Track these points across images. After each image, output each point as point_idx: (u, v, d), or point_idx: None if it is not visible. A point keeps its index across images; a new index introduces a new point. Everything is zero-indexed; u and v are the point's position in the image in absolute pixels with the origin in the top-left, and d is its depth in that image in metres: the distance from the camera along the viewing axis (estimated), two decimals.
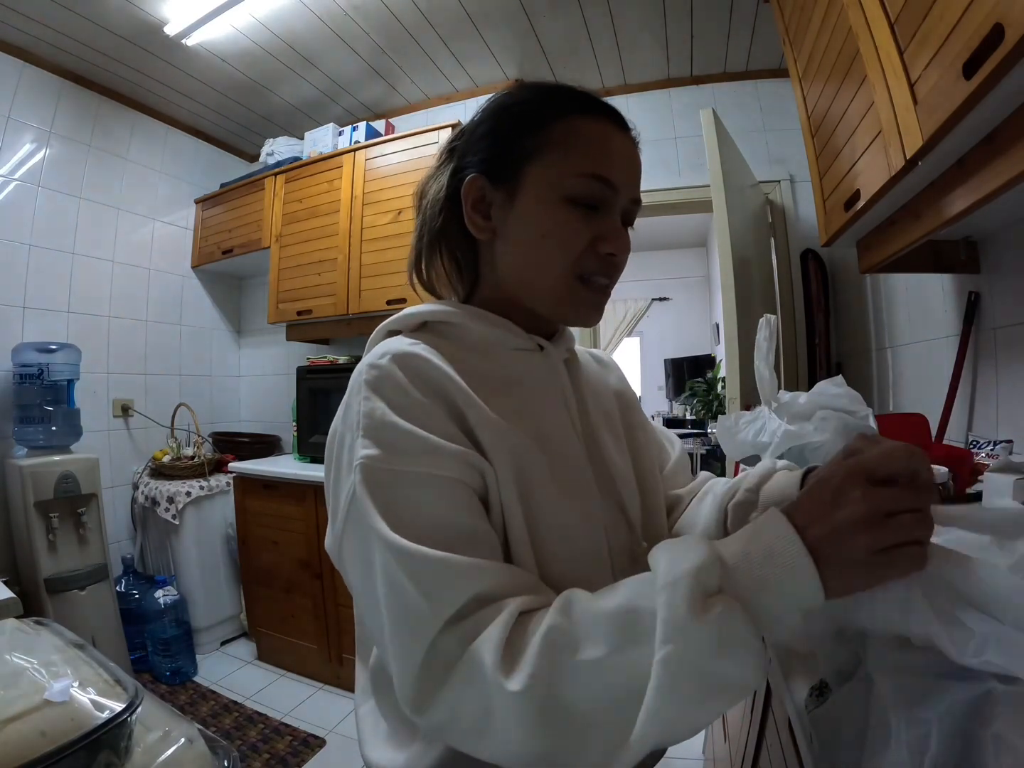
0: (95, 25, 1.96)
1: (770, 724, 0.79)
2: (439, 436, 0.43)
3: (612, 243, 0.51)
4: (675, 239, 5.43)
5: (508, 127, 0.53)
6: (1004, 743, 0.32)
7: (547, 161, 0.51)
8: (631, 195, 0.53)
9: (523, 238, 0.52)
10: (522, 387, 0.54)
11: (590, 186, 0.50)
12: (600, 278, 0.53)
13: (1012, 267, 1.08)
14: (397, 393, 0.45)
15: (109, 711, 0.64)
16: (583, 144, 0.50)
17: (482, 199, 0.54)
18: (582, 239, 0.51)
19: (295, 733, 1.78)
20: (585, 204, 0.50)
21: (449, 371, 0.47)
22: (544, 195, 0.51)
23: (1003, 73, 0.57)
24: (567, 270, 0.51)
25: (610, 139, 0.52)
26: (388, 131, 2.55)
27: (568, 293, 0.52)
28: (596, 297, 0.54)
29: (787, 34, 1.40)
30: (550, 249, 0.51)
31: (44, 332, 2.13)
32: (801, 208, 2.20)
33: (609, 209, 0.52)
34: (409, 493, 0.41)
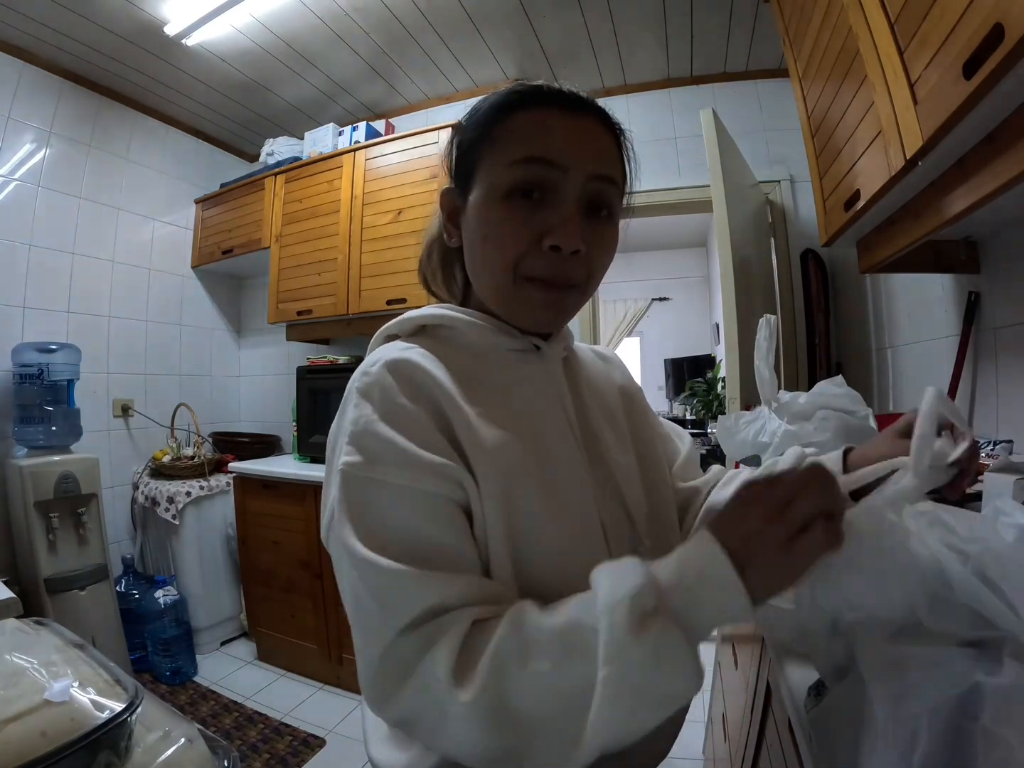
0: (95, 25, 1.96)
1: (770, 724, 0.79)
2: (421, 445, 0.43)
3: (556, 234, 0.47)
4: (675, 239, 5.43)
5: (462, 137, 0.54)
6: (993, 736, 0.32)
7: (487, 161, 0.50)
8: (589, 170, 0.48)
9: (471, 242, 0.53)
10: (518, 388, 0.53)
11: (526, 171, 0.47)
12: (535, 275, 0.49)
13: (1012, 267, 1.08)
14: (384, 400, 0.45)
15: (109, 711, 0.64)
16: (517, 133, 0.49)
17: (454, 209, 0.55)
18: (521, 236, 0.48)
19: (295, 733, 1.78)
20: (527, 193, 0.47)
21: (439, 377, 0.47)
22: (485, 195, 0.50)
23: (1003, 73, 0.57)
24: (508, 270, 0.49)
25: (548, 121, 0.48)
26: (388, 131, 2.55)
27: (512, 295, 0.50)
28: (547, 295, 0.50)
29: (787, 34, 1.40)
30: (490, 251, 0.50)
31: (44, 332, 2.13)
32: (801, 208, 2.20)
33: (556, 195, 0.48)
34: (381, 502, 0.42)
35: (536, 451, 0.49)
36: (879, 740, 0.36)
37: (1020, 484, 0.62)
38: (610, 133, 0.52)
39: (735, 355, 1.62)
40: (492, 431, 0.47)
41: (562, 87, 0.51)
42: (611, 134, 0.52)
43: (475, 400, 0.48)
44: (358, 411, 0.46)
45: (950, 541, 0.36)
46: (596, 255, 0.50)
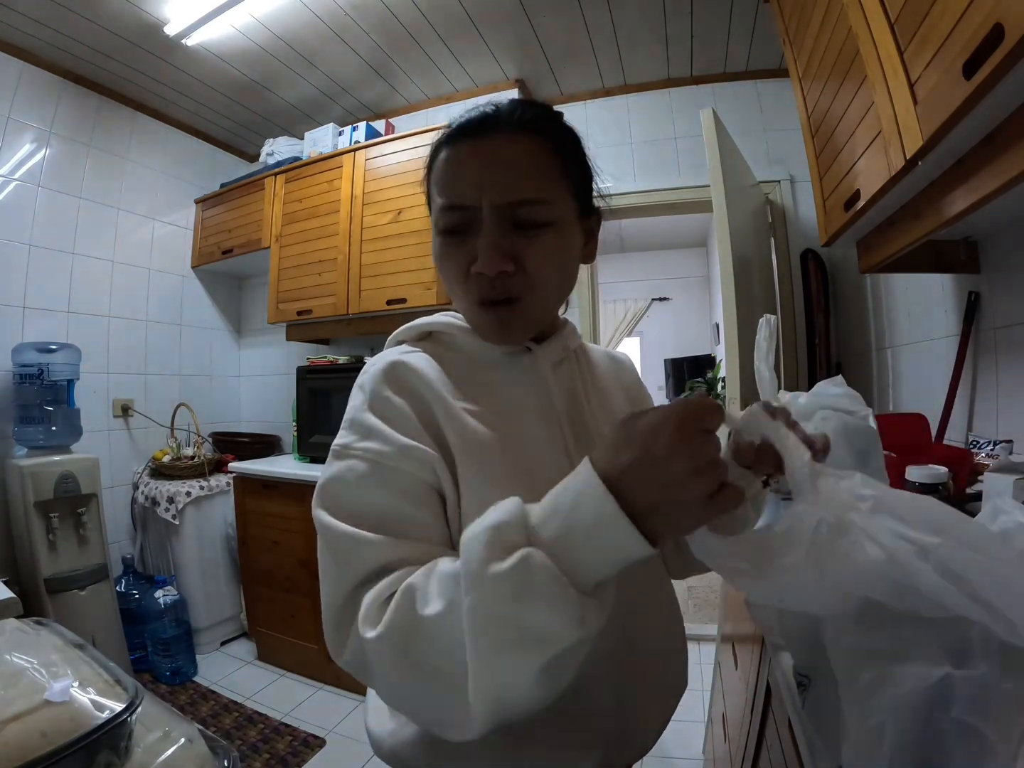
0: (95, 25, 1.96)
1: (770, 724, 0.79)
2: (401, 432, 0.48)
3: (478, 263, 0.50)
4: (675, 239, 5.43)
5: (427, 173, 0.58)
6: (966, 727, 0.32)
7: (431, 201, 0.56)
8: (497, 201, 0.50)
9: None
10: (508, 388, 0.57)
11: (448, 218, 0.52)
12: (488, 297, 0.52)
13: (1012, 267, 1.08)
14: (373, 392, 0.51)
15: (109, 711, 0.64)
16: (437, 179, 0.54)
17: None
18: (458, 267, 0.52)
19: (295, 733, 1.78)
20: (454, 232, 0.52)
21: (430, 377, 0.52)
22: (434, 231, 0.55)
23: (1003, 73, 0.57)
24: (463, 295, 0.54)
25: (458, 162, 0.52)
26: (388, 131, 2.55)
27: (470, 318, 0.56)
28: (492, 317, 0.53)
29: (787, 34, 1.40)
30: (445, 280, 0.56)
31: (44, 332, 2.13)
32: (801, 208, 2.20)
33: (476, 228, 0.51)
34: (358, 475, 0.47)
35: (516, 448, 0.53)
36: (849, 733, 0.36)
37: (1020, 484, 0.62)
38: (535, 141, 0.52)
39: (735, 355, 1.62)
40: (477, 427, 0.51)
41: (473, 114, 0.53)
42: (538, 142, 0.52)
43: (466, 398, 0.53)
44: (353, 401, 0.52)
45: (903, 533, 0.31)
46: (532, 268, 0.51)
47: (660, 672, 0.59)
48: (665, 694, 0.59)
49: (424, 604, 0.37)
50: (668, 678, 0.60)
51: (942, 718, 0.33)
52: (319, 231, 2.40)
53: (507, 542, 0.34)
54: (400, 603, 0.38)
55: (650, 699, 0.57)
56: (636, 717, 0.55)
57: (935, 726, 0.33)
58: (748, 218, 1.92)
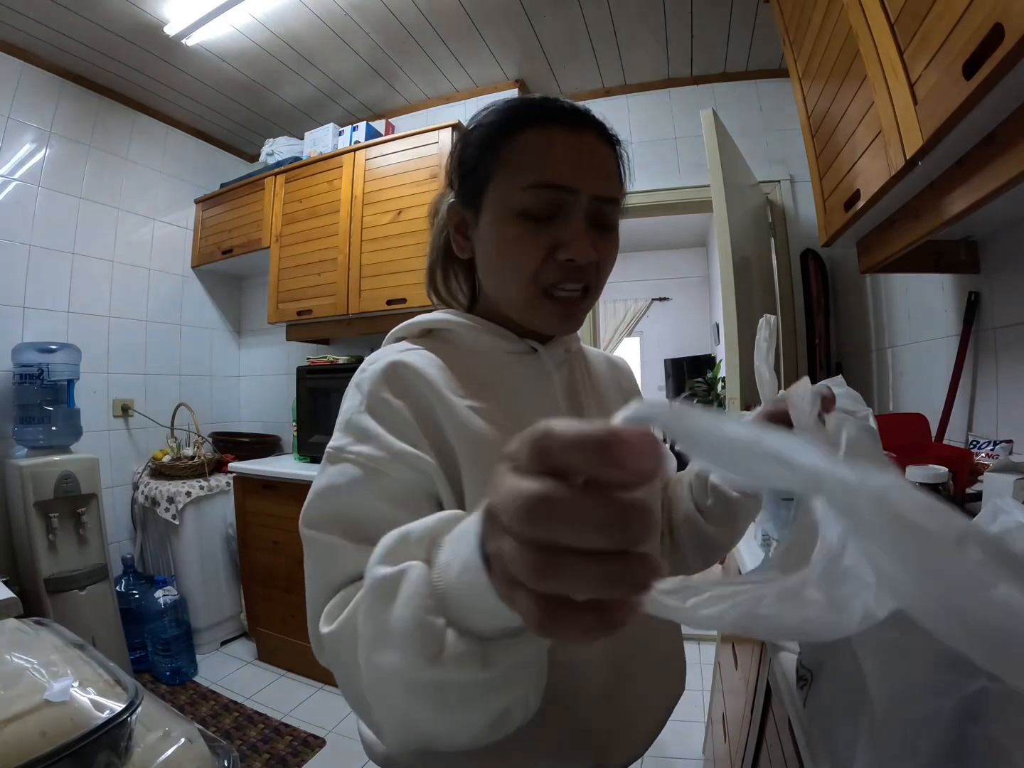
0: (95, 25, 1.96)
1: (770, 724, 0.79)
2: (397, 436, 0.47)
3: (570, 248, 0.50)
4: (675, 239, 5.43)
5: (469, 154, 0.56)
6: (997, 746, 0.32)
7: (498, 182, 0.53)
8: (594, 191, 0.51)
9: (486, 256, 0.56)
10: (511, 387, 0.57)
11: (538, 196, 0.50)
12: (566, 286, 0.53)
13: (1012, 267, 1.08)
14: (371, 394, 0.50)
15: (109, 711, 0.64)
16: (527, 157, 0.51)
17: (462, 221, 0.58)
18: (536, 251, 0.51)
19: (295, 733, 1.78)
20: (538, 216, 0.51)
21: (431, 376, 0.51)
22: (498, 214, 0.53)
23: (1003, 73, 0.57)
24: (527, 283, 0.52)
25: (555, 144, 0.51)
26: (388, 131, 2.55)
27: (530, 306, 0.54)
28: (561, 307, 0.54)
29: (787, 34, 1.40)
30: (507, 265, 0.53)
31: (44, 332, 2.13)
32: (801, 208, 2.20)
33: (568, 213, 0.51)
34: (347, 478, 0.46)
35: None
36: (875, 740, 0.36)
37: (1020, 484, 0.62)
38: (608, 147, 0.54)
39: (735, 355, 1.62)
40: (482, 425, 0.51)
41: (564, 102, 0.53)
42: (610, 147, 0.54)
43: (469, 396, 0.52)
44: (349, 402, 0.51)
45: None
46: (603, 263, 0.55)
47: (656, 676, 0.59)
48: (660, 697, 0.59)
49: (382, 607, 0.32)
50: (664, 683, 0.60)
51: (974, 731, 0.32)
52: (319, 231, 2.40)
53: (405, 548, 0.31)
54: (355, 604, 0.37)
55: (644, 703, 0.57)
56: (629, 721, 0.55)
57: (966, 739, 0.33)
58: (748, 218, 1.92)
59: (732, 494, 0.59)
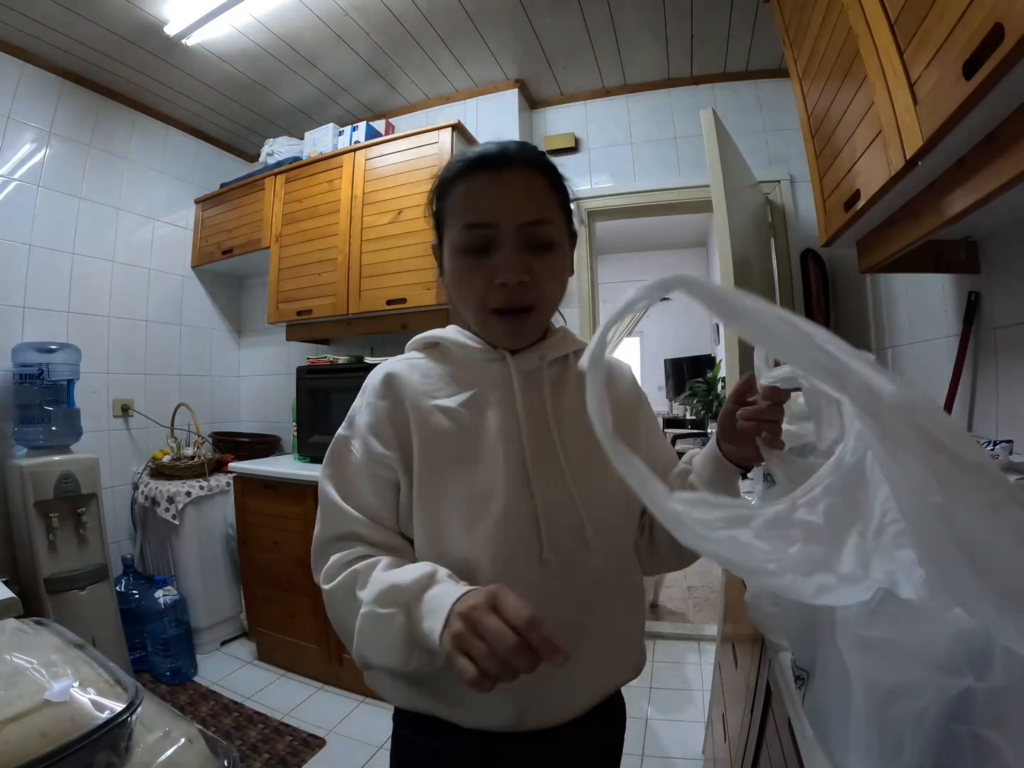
0: (95, 25, 1.96)
1: (770, 724, 0.79)
2: (375, 435, 0.63)
3: (501, 274, 0.59)
4: (675, 239, 5.43)
5: (433, 201, 0.68)
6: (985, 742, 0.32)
7: (448, 225, 0.64)
8: (515, 221, 0.60)
9: (451, 287, 0.67)
10: (479, 388, 0.66)
11: (468, 235, 0.61)
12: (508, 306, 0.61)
13: (1012, 267, 1.08)
14: (367, 396, 0.66)
15: (109, 711, 0.64)
16: (459, 204, 0.62)
17: (438, 256, 0.69)
18: (479, 280, 0.61)
19: (295, 733, 1.78)
20: (475, 250, 0.61)
21: (412, 384, 0.65)
22: (450, 252, 0.64)
23: (1003, 73, 0.57)
24: (478, 307, 0.63)
25: (477, 189, 0.61)
26: (388, 131, 2.55)
27: (483, 326, 0.65)
28: (508, 325, 0.63)
29: (787, 34, 1.40)
30: (461, 294, 0.64)
31: (44, 332, 2.13)
32: (801, 208, 2.20)
33: (496, 245, 0.60)
34: (347, 461, 0.64)
35: (470, 441, 0.63)
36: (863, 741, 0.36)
37: (1020, 484, 0.62)
38: (539, 175, 0.62)
39: (735, 355, 1.62)
40: (439, 419, 0.63)
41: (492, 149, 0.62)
42: (540, 176, 0.63)
43: (442, 396, 0.65)
44: (358, 400, 0.68)
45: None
46: (543, 280, 0.62)
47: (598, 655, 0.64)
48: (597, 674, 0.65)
49: (360, 588, 0.56)
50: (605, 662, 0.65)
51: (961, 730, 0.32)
52: (319, 231, 2.40)
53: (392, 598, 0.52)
54: (346, 578, 0.58)
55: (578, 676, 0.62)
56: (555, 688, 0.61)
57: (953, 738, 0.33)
58: (748, 218, 1.92)
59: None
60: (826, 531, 0.32)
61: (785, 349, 0.31)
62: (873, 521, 0.31)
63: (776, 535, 0.32)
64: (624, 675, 0.69)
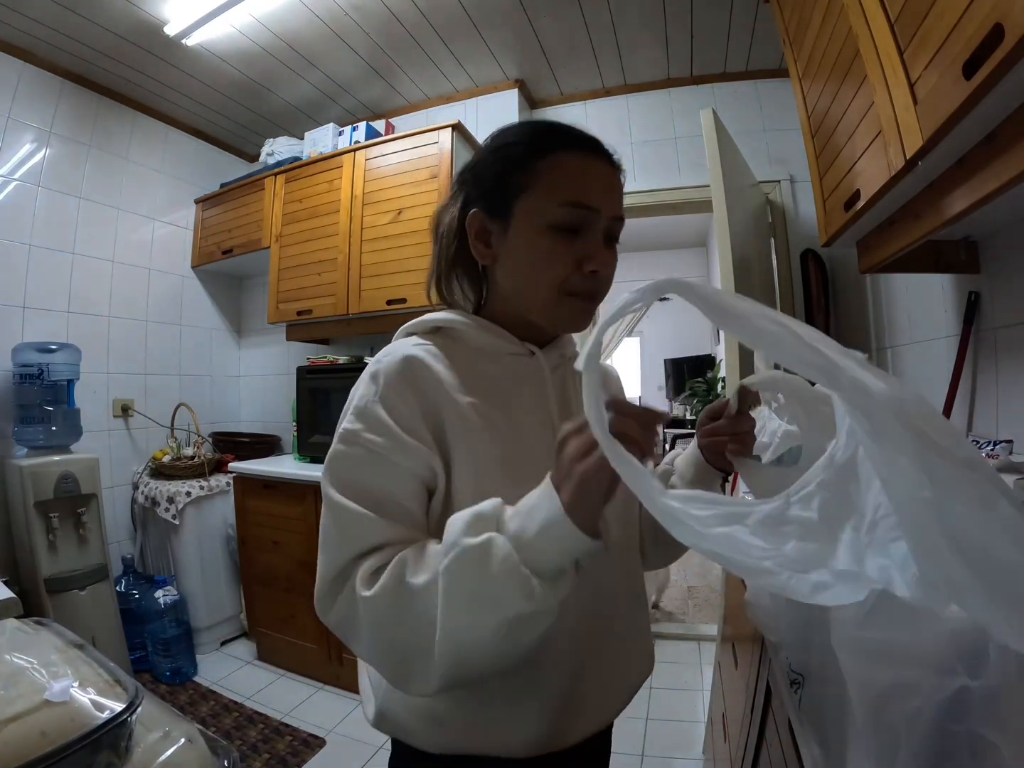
0: (95, 25, 1.96)
1: (770, 724, 0.79)
2: (404, 429, 0.54)
3: (595, 262, 0.57)
4: (675, 239, 5.43)
5: (501, 167, 0.61)
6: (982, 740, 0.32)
7: (533, 195, 0.58)
8: (612, 213, 0.59)
9: (517, 264, 0.60)
10: (509, 384, 0.62)
11: (570, 213, 0.57)
12: (586, 292, 0.59)
13: (1012, 267, 1.08)
14: (386, 386, 0.55)
15: (109, 711, 0.64)
16: (563, 176, 0.57)
17: (483, 230, 0.62)
18: (566, 263, 0.57)
19: (295, 733, 1.78)
20: (568, 229, 0.57)
21: (440, 372, 0.57)
22: (531, 226, 0.58)
23: (1003, 73, 0.57)
24: (554, 287, 0.58)
25: (588, 168, 0.58)
26: (388, 131, 2.55)
27: (555, 306, 0.59)
28: (583, 304, 0.60)
29: (787, 34, 1.40)
30: (539, 273, 0.58)
31: (44, 332, 2.13)
32: (801, 208, 2.20)
33: (591, 230, 0.58)
34: (362, 461, 0.53)
35: (513, 441, 0.59)
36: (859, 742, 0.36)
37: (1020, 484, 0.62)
38: (618, 172, 0.61)
39: (735, 355, 1.63)
40: (477, 420, 0.57)
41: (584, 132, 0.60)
42: (618, 173, 0.62)
43: (471, 391, 0.58)
44: (365, 390, 0.56)
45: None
46: (610, 275, 0.62)
47: (621, 653, 0.64)
48: (624, 673, 0.65)
49: (413, 575, 0.46)
50: (629, 660, 0.66)
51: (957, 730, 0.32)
52: (319, 231, 2.40)
53: (481, 526, 0.44)
54: (393, 571, 0.47)
55: (608, 676, 0.62)
56: (591, 691, 0.60)
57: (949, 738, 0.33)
58: (748, 218, 1.92)
59: None
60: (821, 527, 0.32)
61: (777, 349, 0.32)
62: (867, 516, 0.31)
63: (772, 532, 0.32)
64: (644, 671, 0.68)
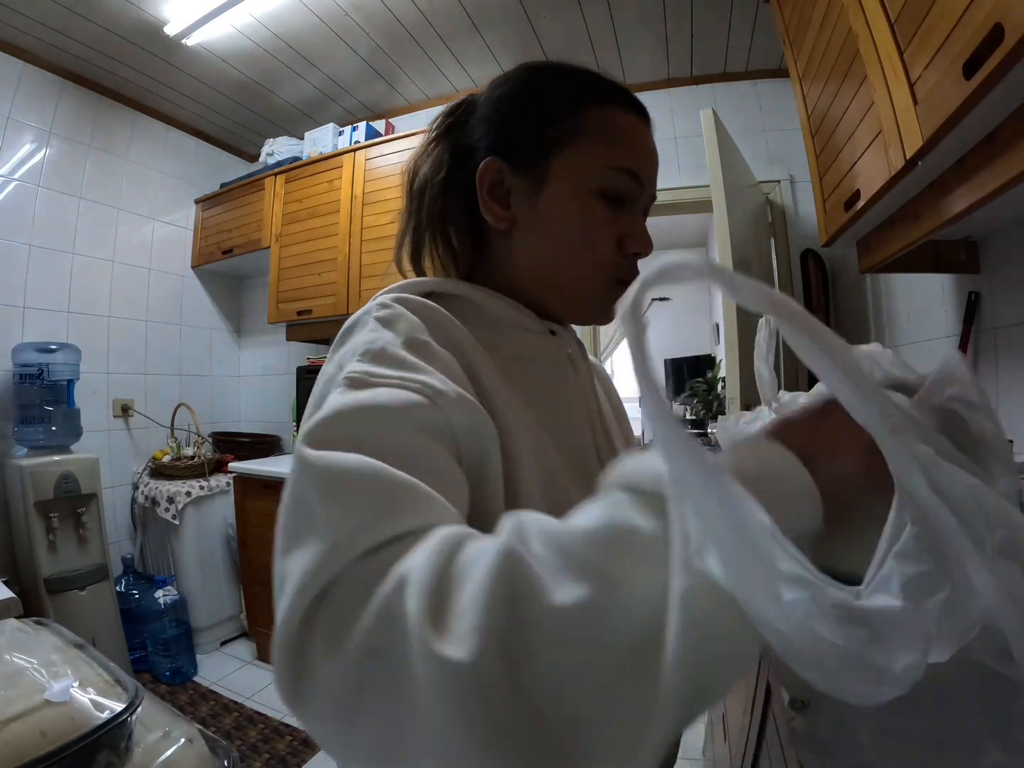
0: (95, 25, 1.96)
1: (770, 724, 0.79)
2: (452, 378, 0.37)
3: (638, 242, 0.49)
4: (675, 239, 5.42)
5: (536, 109, 0.49)
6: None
7: (581, 150, 0.47)
8: (653, 189, 0.51)
9: (549, 231, 0.48)
10: (535, 366, 0.50)
11: (621, 180, 0.47)
12: (624, 278, 0.49)
13: (1012, 267, 1.08)
14: (411, 332, 0.39)
15: (109, 711, 0.64)
16: (618, 136, 0.48)
17: (500, 184, 0.49)
18: (610, 237, 0.47)
19: (295, 733, 1.78)
20: (614, 199, 0.47)
21: (466, 330, 0.43)
22: (575, 187, 0.47)
23: (1003, 73, 0.58)
24: (594, 269, 0.48)
25: (641, 134, 0.49)
26: (388, 131, 2.55)
27: (592, 292, 0.49)
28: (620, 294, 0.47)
29: (787, 34, 1.40)
30: (578, 245, 0.47)
31: (44, 332, 2.13)
32: (801, 208, 2.19)
33: (635, 205, 0.49)
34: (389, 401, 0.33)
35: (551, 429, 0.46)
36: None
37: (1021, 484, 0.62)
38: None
39: (735, 355, 1.62)
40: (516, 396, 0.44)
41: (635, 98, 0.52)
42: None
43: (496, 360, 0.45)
44: (377, 335, 0.38)
45: None
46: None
47: None
48: None
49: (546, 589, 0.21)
50: None
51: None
52: (319, 231, 2.40)
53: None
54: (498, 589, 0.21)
55: None
56: None
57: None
58: (748, 218, 1.92)
59: None
60: None
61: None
62: None
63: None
64: None
